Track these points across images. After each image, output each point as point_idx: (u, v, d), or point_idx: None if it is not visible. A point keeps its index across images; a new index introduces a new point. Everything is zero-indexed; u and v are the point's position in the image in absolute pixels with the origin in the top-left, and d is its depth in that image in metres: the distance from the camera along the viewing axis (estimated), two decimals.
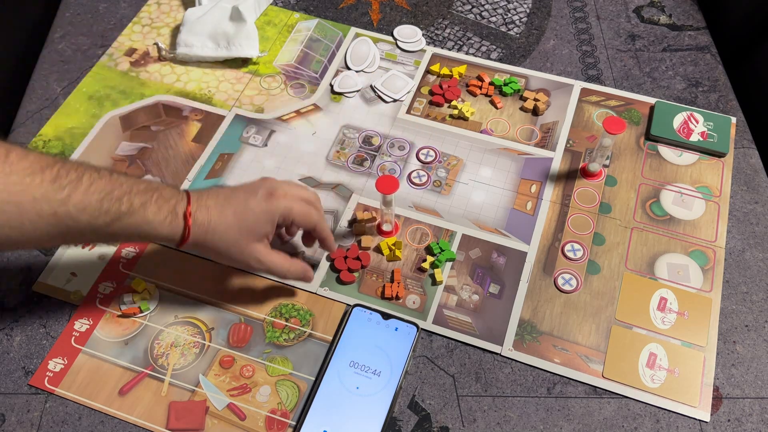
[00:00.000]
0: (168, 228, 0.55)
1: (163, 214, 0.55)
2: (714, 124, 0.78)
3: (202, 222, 0.56)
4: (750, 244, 0.70)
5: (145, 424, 0.60)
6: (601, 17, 0.91)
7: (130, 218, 0.53)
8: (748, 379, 0.62)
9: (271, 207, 0.58)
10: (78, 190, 0.51)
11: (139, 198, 0.54)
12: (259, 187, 0.60)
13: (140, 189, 0.54)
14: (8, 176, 0.48)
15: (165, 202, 0.55)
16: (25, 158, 0.49)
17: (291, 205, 0.59)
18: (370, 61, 0.86)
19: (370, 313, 0.64)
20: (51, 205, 0.49)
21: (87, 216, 0.51)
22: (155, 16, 0.91)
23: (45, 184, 0.49)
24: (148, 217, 0.54)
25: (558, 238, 0.71)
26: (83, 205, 0.51)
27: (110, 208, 0.52)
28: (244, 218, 0.58)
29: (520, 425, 0.60)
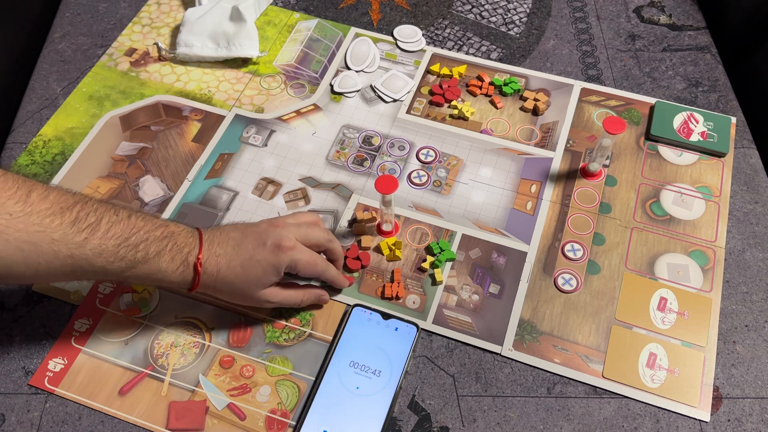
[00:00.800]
0: (179, 277, 0.57)
1: (176, 264, 0.56)
2: (714, 124, 0.78)
3: (212, 272, 0.57)
4: (750, 244, 0.70)
5: (145, 424, 0.60)
6: (601, 17, 0.91)
7: (144, 266, 0.54)
8: (748, 379, 0.62)
9: (278, 260, 0.59)
10: (96, 235, 0.51)
11: (155, 246, 0.55)
12: (267, 238, 0.59)
13: (156, 236, 0.55)
14: (29, 216, 0.49)
15: (179, 252, 0.56)
16: (45, 198, 0.50)
17: (297, 258, 0.59)
18: (370, 61, 0.86)
19: (370, 313, 0.64)
20: (69, 248, 0.50)
21: (102, 260, 0.52)
22: (155, 16, 0.91)
23: (64, 227, 0.50)
24: (161, 266, 0.55)
25: (558, 238, 0.71)
26: (100, 250, 0.52)
27: (126, 254, 0.53)
28: (251, 271, 0.58)
29: (520, 425, 0.60)
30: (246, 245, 0.59)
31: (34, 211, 0.49)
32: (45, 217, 0.49)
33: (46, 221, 0.49)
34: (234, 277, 0.58)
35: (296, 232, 0.61)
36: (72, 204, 0.51)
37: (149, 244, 0.54)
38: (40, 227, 0.49)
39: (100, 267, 0.52)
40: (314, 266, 0.61)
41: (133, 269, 0.54)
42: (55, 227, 0.50)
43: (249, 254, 0.58)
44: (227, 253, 0.58)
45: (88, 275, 0.53)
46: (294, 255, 0.59)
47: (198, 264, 0.56)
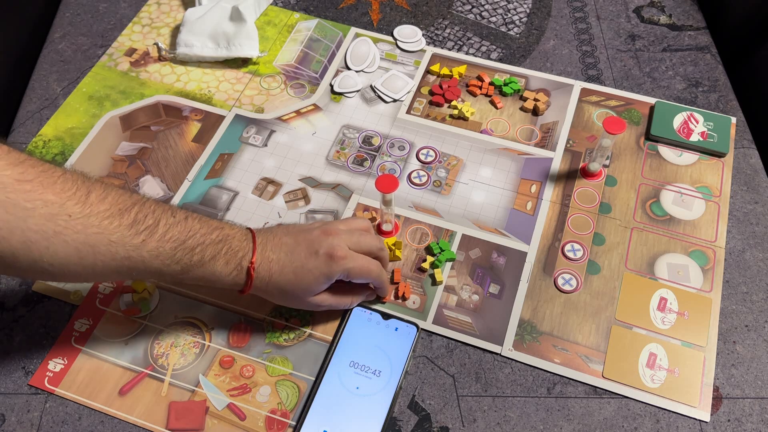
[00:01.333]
0: (232, 280, 0.57)
1: (230, 269, 0.56)
2: (714, 124, 0.78)
3: (264, 277, 0.58)
4: (750, 244, 0.70)
5: (145, 424, 0.60)
6: (601, 17, 0.91)
7: (199, 269, 0.55)
8: (748, 379, 0.62)
9: (330, 270, 0.58)
10: (153, 237, 0.52)
11: (211, 250, 0.55)
12: (320, 247, 0.59)
13: (212, 239, 0.55)
14: (87, 218, 0.49)
15: (233, 256, 0.56)
16: (104, 200, 0.50)
17: (350, 267, 0.59)
18: (370, 61, 0.86)
19: (370, 313, 0.64)
20: (126, 249, 0.50)
21: (158, 263, 0.52)
22: (155, 16, 0.91)
23: (122, 229, 0.50)
24: (216, 270, 0.55)
25: (558, 238, 0.71)
26: (157, 253, 0.52)
27: (182, 258, 0.53)
28: (303, 279, 0.58)
29: (520, 425, 0.60)
30: (299, 253, 0.59)
31: (93, 213, 0.49)
32: (104, 219, 0.49)
33: (104, 223, 0.49)
34: (285, 283, 0.58)
35: (348, 239, 0.60)
36: (130, 205, 0.51)
37: (205, 247, 0.54)
38: (98, 229, 0.49)
39: (155, 269, 0.53)
40: (368, 272, 0.61)
41: (189, 272, 0.54)
42: (113, 229, 0.50)
43: (301, 262, 0.58)
44: (280, 260, 0.58)
45: (142, 276, 0.54)
46: (346, 264, 0.59)
47: (251, 269, 0.57)
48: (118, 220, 0.50)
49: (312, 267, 0.58)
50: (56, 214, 0.47)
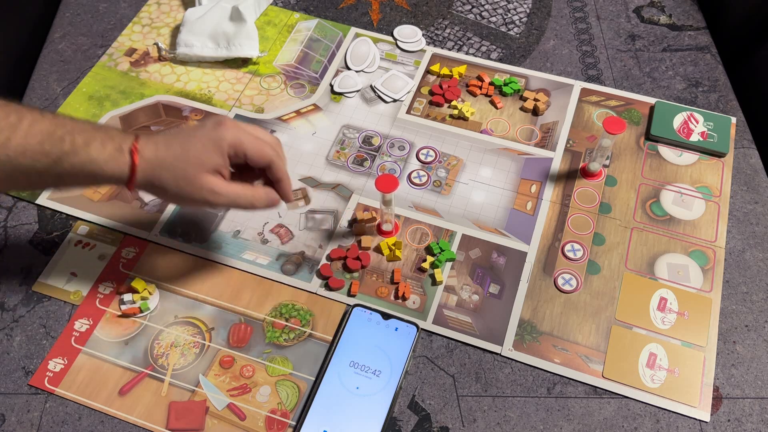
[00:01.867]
0: (114, 165, 0.53)
1: (108, 152, 0.53)
2: (714, 124, 0.78)
3: (149, 157, 0.54)
4: (750, 244, 0.70)
5: (145, 424, 0.60)
6: (601, 17, 0.91)
7: (73, 158, 0.52)
8: (748, 379, 0.62)
9: (218, 134, 0.55)
10: (17, 134, 0.50)
11: (83, 137, 0.52)
12: (208, 120, 0.57)
13: (84, 128, 0.53)
14: None
15: (110, 140, 0.53)
16: None
17: (240, 135, 0.56)
18: (370, 61, 0.86)
19: (370, 313, 0.64)
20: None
21: (28, 159, 0.50)
22: (155, 16, 0.91)
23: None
24: (91, 155, 0.52)
25: (558, 238, 0.71)
26: (23, 149, 0.50)
27: (51, 150, 0.51)
28: (190, 147, 0.55)
29: (520, 425, 0.60)
30: (185, 129, 0.57)
31: None
32: None
33: None
34: (174, 159, 0.55)
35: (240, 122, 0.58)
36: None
37: (75, 135, 0.52)
38: None
39: (27, 166, 0.50)
40: (261, 148, 0.57)
41: (61, 163, 0.51)
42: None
43: (188, 134, 0.56)
44: (166, 138, 0.55)
45: (18, 180, 0.52)
46: (237, 133, 0.56)
47: (134, 149, 0.53)
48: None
49: (200, 134, 0.55)
50: None
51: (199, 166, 0.55)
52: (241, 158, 0.57)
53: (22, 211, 0.73)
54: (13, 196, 0.74)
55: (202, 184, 0.55)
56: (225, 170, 0.57)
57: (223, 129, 0.56)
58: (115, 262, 0.69)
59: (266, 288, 0.68)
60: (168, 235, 0.71)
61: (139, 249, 0.70)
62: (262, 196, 0.59)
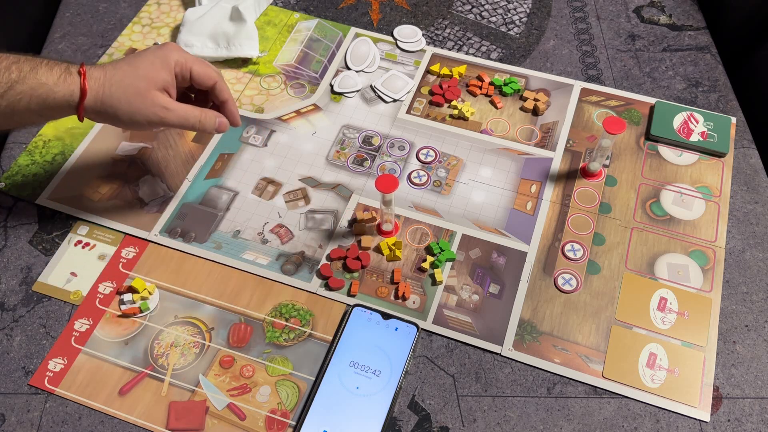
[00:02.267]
0: (64, 87, 0.55)
1: (56, 74, 0.55)
2: (714, 124, 0.78)
3: (98, 76, 0.56)
4: (750, 244, 0.70)
5: (145, 424, 0.60)
6: (601, 17, 0.91)
7: (22, 85, 0.53)
8: (748, 379, 0.62)
9: (164, 53, 0.59)
10: None
11: (29, 64, 0.54)
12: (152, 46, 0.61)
13: (28, 59, 0.55)
14: None
15: (56, 65, 0.55)
16: None
17: (185, 55, 0.60)
18: (370, 61, 0.86)
19: (370, 313, 0.64)
20: None
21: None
22: (155, 16, 0.91)
23: None
24: (40, 78, 0.54)
25: (558, 238, 0.71)
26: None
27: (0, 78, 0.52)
28: (139, 65, 0.57)
29: (520, 425, 0.60)
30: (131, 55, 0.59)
31: None
32: None
33: None
34: (123, 75, 0.57)
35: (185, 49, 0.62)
36: None
37: (22, 64, 0.54)
38: None
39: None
40: (208, 69, 0.60)
41: (11, 90, 0.53)
42: None
43: (134, 55, 0.59)
44: (112, 63, 0.58)
45: None
46: (182, 53, 0.59)
47: (82, 71, 0.55)
48: None
49: (147, 53, 0.59)
50: None
51: (149, 81, 0.57)
52: (186, 79, 0.60)
53: (22, 211, 0.73)
54: (12, 196, 0.74)
55: (154, 100, 0.57)
56: (172, 90, 0.60)
57: (169, 49, 0.60)
58: (115, 262, 0.69)
59: (266, 288, 0.68)
60: (168, 235, 0.71)
61: (139, 249, 0.70)
62: (210, 116, 0.62)
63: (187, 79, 0.61)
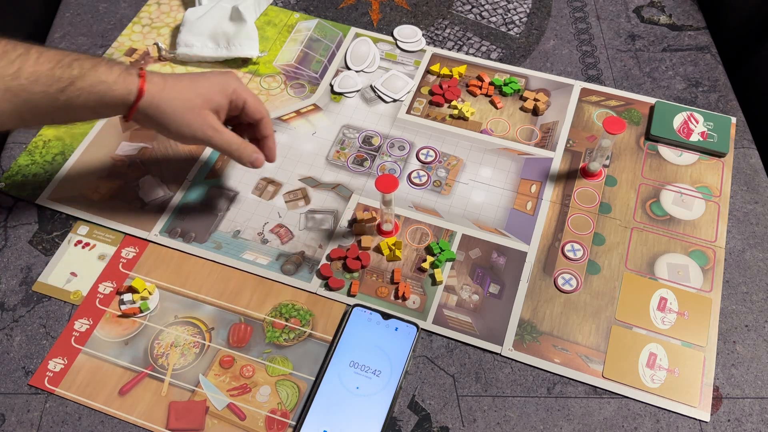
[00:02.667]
0: (122, 85, 0.56)
1: (116, 73, 0.56)
2: (714, 124, 0.78)
3: (158, 82, 0.57)
4: (750, 244, 0.70)
5: (145, 424, 0.60)
6: (601, 17, 0.91)
7: (83, 81, 0.54)
8: (748, 379, 0.62)
9: (225, 79, 0.61)
10: (28, 63, 0.51)
11: (90, 62, 0.55)
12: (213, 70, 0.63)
13: (89, 57, 0.56)
14: None
15: (116, 64, 0.57)
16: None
17: (242, 86, 0.63)
18: (370, 61, 0.86)
19: (370, 313, 0.64)
20: (4, 81, 0.50)
21: (40, 86, 0.52)
22: (155, 16, 0.91)
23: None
24: (100, 76, 0.55)
25: (558, 238, 0.71)
26: (35, 76, 0.52)
27: (62, 74, 0.53)
28: (199, 83, 0.59)
29: (520, 425, 0.60)
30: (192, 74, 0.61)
31: None
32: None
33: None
34: (183, 88, 0.58)
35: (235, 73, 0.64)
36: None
37: (83, 61, 0.55)
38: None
39: (39, 93, 0.52)
40: (260, 104, 0.63)
41: (72, 86, 0.54)
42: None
43: (196, 74, 0.60)
44: (174, 75, 0.59)
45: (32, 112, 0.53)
46: (240, 84, 0.61)
47: (141, 72, 0.57)
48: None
49: (209, 75, 0.60)
50: None
51: (205, 101, 0.59)
52: (238, 108, 0.61)
53: (22, 211, 0.73)
54: (12, 196, 0.74)
55: (206, 119, 0.59)
56: (222, 114, 0.61)
57: (230, 76, 0.61)
58: (115, 262, 0.69)
59: (266, 288, 0.68)
60: (168, 235, 0.71)
61: (139, 249, 0.70)
62: (249, 149, 0.64)
63: (238, 109, 0.62)
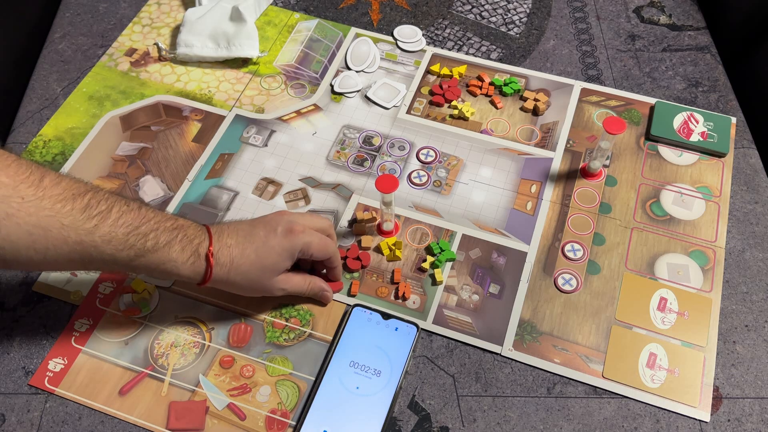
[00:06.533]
0: (190, 268, 0.56)
1: (187, 255, 0.55)
2: (714, 124, 0.78)
3: (224, 262, 0.57)
4: (750, 244, 0.70)
5: (145, 424, 0.60)
6: (601, 17, 0.91)
7: (153, 255, 0.54)
8: (748, 379, 0.62)
9: (291, 244, 0.59)
10: (106, 222, 0.51)
11: (165, 237, 0.54)
12: (278, 224, 0.60)
13: (167, 227, 0.55)
14: (41, 201, 0.49)
15: (189, 243, 0.56)
16: (58, 184, 0.50)
17: (310, 240, 0.60)
18: (371, 62, 0.86)
19: (370, 313, 0.64)
20: (78, 234, 0.50)
21: (111, 248, 0.52)
22: (155, 16, 0.91)
23: (75, 213, 0.50)
24: (171, 256, 0.55)
25: (558, 238, 0.71)
26: (109, 238, 0.52)
27: (136, 243, 0.53)
28: (265, 257, 0.58)
29: (520, 425, 0.60)
30: (257, 233, 0.59)
31: (46, 196, 0.49)
32: (56, 203, 0.49)
33: (57, 206, 0.49)
34: (249, 266, 0.58)
35: (301, 218, 0.62)
36: (84, 191, 0.51)
37: (159, 234, 0.54)
38: (51, 212, 0.49)
39: (108, 255, 0.52)
40: (326, 246, 0.62)
41: (143, 258, 0.54)
42: (66, 213, 0.49)
43: (262, 241, 0.59)
44: (239, 243, 0.58)
45: (95, 264, 0.53)
46: (306, 237, 0.60)
47: (210, 255, 0.56)
48: (71, 204, 0.50)
49: (274, 244, 0.59)
50: (9, 196, 0.48)
51: (273, 272, 0.60)
52: (306, 255, 0.62)
53: None
54: None
55: (273, 286, 0.61)
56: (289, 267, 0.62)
57: (295, 237, 0.59)
58: None
59: None
60: None
61: None
62: (316, 288, 0.64)
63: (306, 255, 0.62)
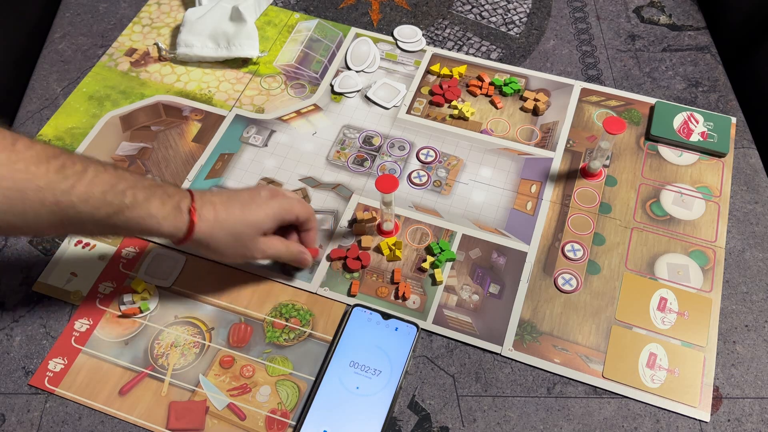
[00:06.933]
0: (171, 223, 0.56)
1: (167, 209, 0.55)
2: (714, 124, 0.78)
3: (208, 218, 0.57)
4: (750, 244, 0.70)
5: (145, 424, 0.60)
6: (601, 17, 0.91)
7: (132, 211, 0.54)
8: (748, 379, 0.62)
9: (278, 204, 0.61)
10: (82, 181, 0.51)
11: (143, 192, 0.54)
12: (261, 189, 0.63)
13: (144, 185, 0.55)
14: (14, 164, 0.49)
15: (169, 198, 0.56)
16: (31, 148, 0.50)
17: (292, 199, 0.63)
18: (371, 62, 0.86)
19: (370, 313, 0.64)
20: (54, 195, 0.50)
21: (90, 207, 0.52)
22: (155, 16, 0.91)
23: (50, 174, 0.50)
24: (151, 210, 0.54)
25: (558, 238, 0.71)
26: (86, 196, 0.51)
27: (113, 200, 0.53)
28: (251, 213, 0.60)
29: (520, 425, 0.60)
30: (242, 194, 0.61)
31: (20, 159, 0.49)
32: (30, 165, 0.49)
33: (32, 168, 0.49)
34: (234, 221, 0.58)
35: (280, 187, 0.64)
36: (58, 153, 0.51)
37: (137, 190, 0.54)
38: (26, 174, 0.49)
39: (87, 214, 0.52)
40: (307, 206, 0.65)
41: (121, 215, 0.53)
42: (41, 174, 0.49)
43: (247, 199, 0.60)
44: (223, 201, 0.59)
45: (75, 226, 0.53)
46: (288, 198, 0.62)
47: (192, 209, 0.56)
48: (45, 166, 0.50)
49: (260, 202, 0.61)
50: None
51: (256, 230, 0.60)
52: (288, 222, 0.63)
53: None
54: None
55: (255, 245, 0.61)
56: (271, 231, 0.63)
57: (279, 198, 0.62)
58: (115, 262, 0.69)
59: (266, 288, 0.68)
60: None
61: (139, 249, 0.70)
62: (295, 251, 0.65)
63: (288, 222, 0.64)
